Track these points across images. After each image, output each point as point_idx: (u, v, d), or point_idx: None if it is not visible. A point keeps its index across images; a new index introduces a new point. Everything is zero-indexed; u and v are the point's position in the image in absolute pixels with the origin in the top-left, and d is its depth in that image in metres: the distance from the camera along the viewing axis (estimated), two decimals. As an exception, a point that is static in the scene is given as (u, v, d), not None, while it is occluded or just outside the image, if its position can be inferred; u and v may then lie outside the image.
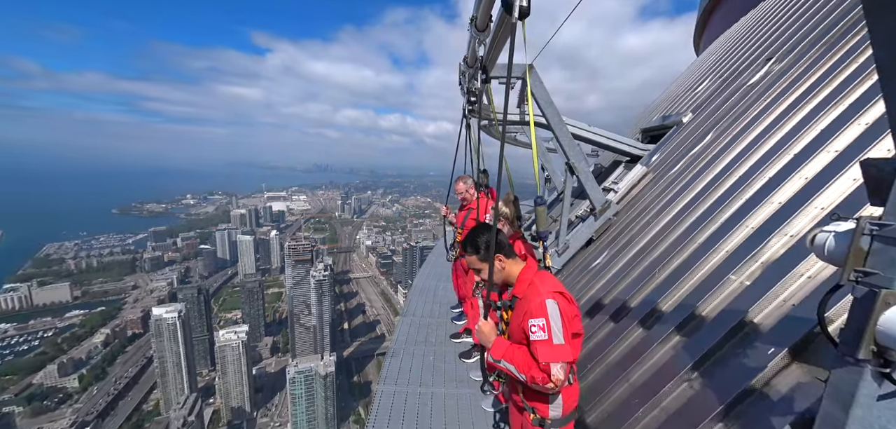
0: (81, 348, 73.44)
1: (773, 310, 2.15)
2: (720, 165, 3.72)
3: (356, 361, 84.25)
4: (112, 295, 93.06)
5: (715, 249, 2.82)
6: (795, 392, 1.77)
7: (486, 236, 1.78)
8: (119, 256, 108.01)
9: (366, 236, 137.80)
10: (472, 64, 3.06)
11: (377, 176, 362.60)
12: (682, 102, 6.65)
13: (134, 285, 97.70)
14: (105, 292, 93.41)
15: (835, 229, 1.16)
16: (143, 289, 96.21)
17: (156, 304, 79.86)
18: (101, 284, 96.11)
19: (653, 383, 2.39)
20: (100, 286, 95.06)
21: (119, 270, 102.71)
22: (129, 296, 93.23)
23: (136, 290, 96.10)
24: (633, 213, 4.60)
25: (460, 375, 3.77)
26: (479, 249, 1.79)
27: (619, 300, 3.31)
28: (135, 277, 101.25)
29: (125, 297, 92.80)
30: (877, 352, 1.07)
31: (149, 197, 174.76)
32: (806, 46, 4.12)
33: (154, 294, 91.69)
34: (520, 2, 1.23)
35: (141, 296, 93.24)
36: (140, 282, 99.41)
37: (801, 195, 2.55)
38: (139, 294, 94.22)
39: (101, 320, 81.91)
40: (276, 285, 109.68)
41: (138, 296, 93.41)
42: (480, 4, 2.09)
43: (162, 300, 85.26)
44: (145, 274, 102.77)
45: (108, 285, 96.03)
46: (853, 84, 2.91)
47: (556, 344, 1.58)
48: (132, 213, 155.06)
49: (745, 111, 4.17)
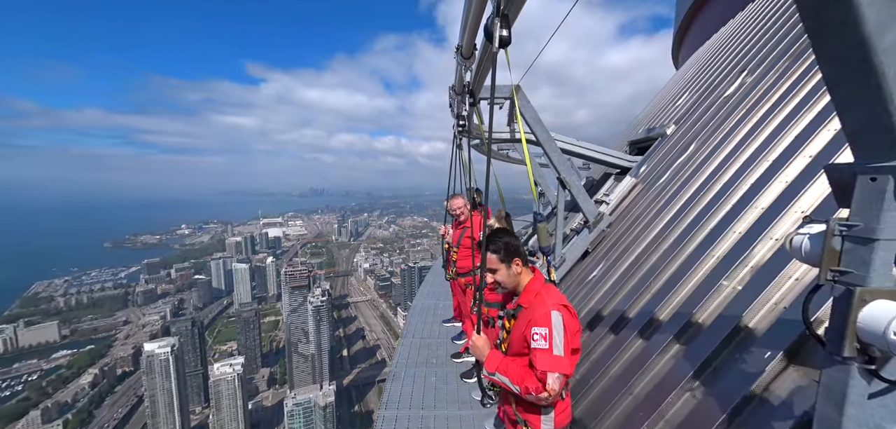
0: (67, 390, 70.39)
1: (766, 313, 2.18)
2: (705, 173, 3.83)
3: (357, 389, 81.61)
4: (102, 332, 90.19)
5: (706, 256, 2.87)
6: (794, 396, 1.78)
7: (507, 239, 1.80)
8: (111, 291, 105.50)
9: (363, 259, 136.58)
10: (459, 90, 3.18)
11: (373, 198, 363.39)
12: (665, 115, 6.88)
13: (125, 321, 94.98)
14: (95, 330, 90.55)
15: (809, 232, 1.21)
16: (134, 324, 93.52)
17: (148, 339, 77.48)
18: (91, 320, 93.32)
19: (655, 395, 2.38)
20: (89, 323, 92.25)
21: (110, 306, 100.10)
22: (120, 332, 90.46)
23: (127, 325, 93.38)
24: (626, 223, 4.67)
25: (462, 395, 3.70)
26: (500, 249, 1.79)
27: (618, 312, 3.32)
28: (127, 312, 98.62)
29: (115, 333, 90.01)
30: (860, 349, 1.10)
31: (143, 229, 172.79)
32: (774, 58, 4.34)
33: (146, 329, 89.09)
34: (500, 32, 1.31)
35: (133, 331, 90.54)
36: (132, 317, 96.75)
37: (782, 199, 2.63)
38: (131, 329, 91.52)
39: (89, 360, 78.99)
40: (272, 313, 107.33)
41: (130, 331, 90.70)
42: (465, 34, 2.21)
43: (154, 335, 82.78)
44: (137, 308, 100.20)
45: (99, 322, 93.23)
46: (820, 92, 3.07)
47: (556, 355, 1.59)
48: (125, 245, 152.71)
49: (723, 121, 4.33)
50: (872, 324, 1.03)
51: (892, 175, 0.96)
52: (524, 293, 1.80)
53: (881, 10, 0.81)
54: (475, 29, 2.03)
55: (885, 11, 0.82)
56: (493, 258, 1.79)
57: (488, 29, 1.28)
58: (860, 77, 0.89)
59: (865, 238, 1.03)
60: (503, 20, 1.23)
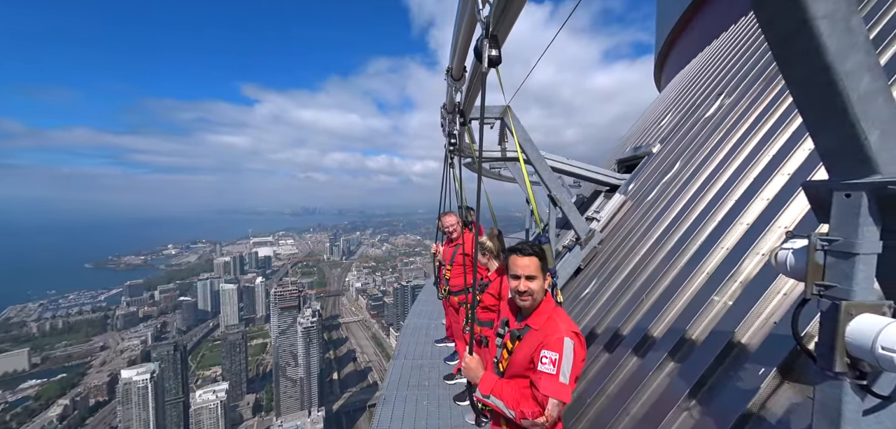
0: (33, 424, 65.74)
1: (758, 329, 2.19)
2: (691, 190, 3.92)
3: (347, 414, 78.35)
4: (76, 359, 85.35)
5: (696, 271, 2.90)
6: (790, 414, 1.76)
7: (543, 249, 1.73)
8: (88, 314, 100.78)
9: (355, 278, 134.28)
10: (451, 110, 3.25)
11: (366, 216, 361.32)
12: (650, 134, 7.10)
13: (103, 346, 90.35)
14: (68, 357, 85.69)
15: (792, 247, 1.23)
16: (112, 349, 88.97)
17: (126, 365, 73.68)
18: (65, 347, 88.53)
19: (653, 415, 2.33)
20: (63, 350, 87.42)
21: (87, 331, 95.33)
22: (96, 358, 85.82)
23: (104, 351, 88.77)
24: (617, 240, 4.72)
25: (455, 419, 3.57)
26: (545, 256, 1.72)
27: (612, 329, 3.29)
28: (104, 337, 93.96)
29: (91, 360, 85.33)
30: (851, 364, 1.10)
31: (127, 249, 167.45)
32: (750, 81, 4.56)
33: (125, 354, 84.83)
34: (489, 52, 1.35)
35: (110, 357, 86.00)
36: (110, 342, 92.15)
37: (765, 216, 2.70)
38: (108, 356, 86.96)
39: (59, 390, 74.26)
40: (260, 336, 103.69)
41: (107, 358, 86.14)
42: (455, 56, 2.27)
43: (133, 361, 78.82)
44: (117, 333, 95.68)
45: (73, 348, 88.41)
46: (794, 113, 3.21)
47: (562, 382, 1.54)
48: (107, 267, 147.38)
49: (705, 141, 4.48)
50: (860, 338, 1.03)
51: (865, 191, 0.99)
52: (535, 314, 1.72)
53: (840, 39, 0.87)
54: (465, 50, 2.08)
55: (844, 40, 0.88)
56: (536, 263, 1.67)
57: (478, 49, 1.32)
58: (827, 100, 0.94)
59: (846, 252, 1.05)
60: (492, 41, 1.27)
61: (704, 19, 9.13)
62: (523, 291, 1.67)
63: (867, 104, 0.91)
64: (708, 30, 8.77)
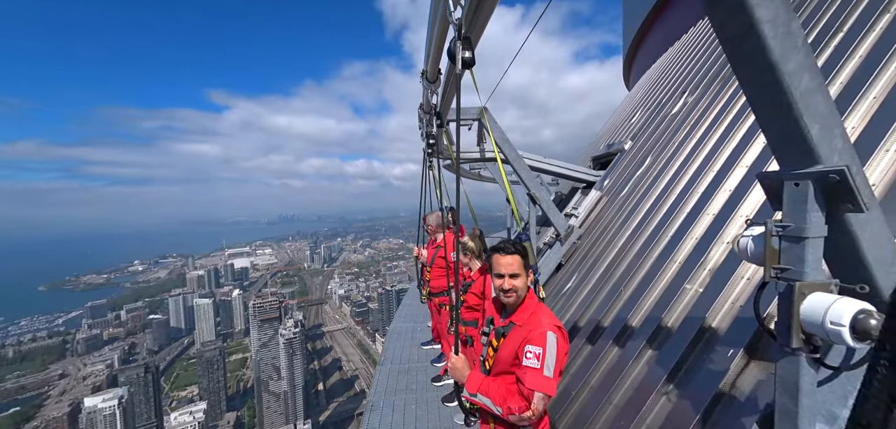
0: (-16, 466, 60.01)
1: (726, 313, 2.32)
2: (661, 184, 4.12)
3: (334, 425, 76.31)
4: (31, 390, 78.31)
5: (669, 261, 3.04)
6: (758, 391, 1.88)
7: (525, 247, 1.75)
8: (44, 341, 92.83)
9: (338, 285, 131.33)
10: (428, 111, 3.25)
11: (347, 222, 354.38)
12: (622, 132, 7.40)
13: (62, 374, 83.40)
14: (21, 388, 78.50)
15: (751, 234, 1.32)
16: (73, 377, 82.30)
17: (90, 392, 68.42)
18: (18, 378, 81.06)
19: (635, 402, 2.42)
20: (15, 382, 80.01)
21: (43, 358, 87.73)
22: (54, 388, 79.12)
23: (63, 379, 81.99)
24: (595, 235, 4.87)
25: (444, 421, 3.57)
26: (527, 253, 1.74)
27: (593, 321, 3.39)
28: (63, 364, 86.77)
29: (49, 390, 78.61)
30: (806, 339, 1.19)
31: (87, 268, 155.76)
32: (710, 80, 4.86)
33: (88, 381, 78.69)
34: (462, 54, 1.36)
35: (70, 385, 79.49)
36: (70, 369, 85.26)
37: (729, 205, 2.88)
38: (68, 384, 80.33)
39: (12, 425, 67.98)
40: (240, 351, 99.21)
41: (67, 386, 79.55)
42: (429, 60, 2.27)
43: (98, 387, 73.32)
44: (78, 358, 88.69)
45: (27, 379, 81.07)
46: (748, 110, 3.44)
47: (546, 375, 1.57)
48: (65, 287, 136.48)
49: (672, 137, 4.72)
50: (812, 315, 1.12)
51: (810, 180, 1.08)
52: (519, 311, 1.75)
53: (783, 42, 0.96)
54: (439, 53, 2.09)
55: (786, 43, 0.96)
56: (519, 261, 1.70)
57: (451, 51, 1.33)
58: (773, 97, 1.02)
59: (797, 237, 1.14)
60: (465, 42, 1.28)
61: (667, 21, 9.63)
62: (508, 289, 1.70)
63: (808, 101, 0.99)
64: (671, 31, 9.25)
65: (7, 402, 74.66)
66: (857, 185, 1.02)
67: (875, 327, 1.02)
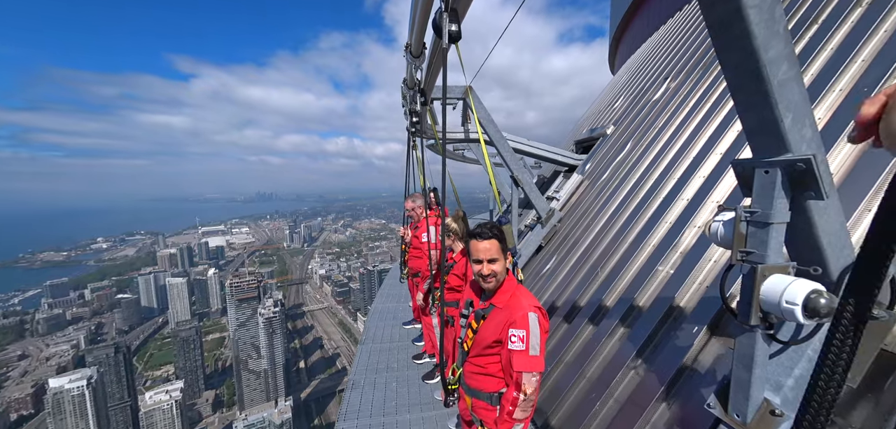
0: (-59, 450, 56.94)
1: (693, 293, 2.46)
2: (640, 169, 4.23)
3: (316, 401, 77.23)
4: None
5: (644, 244, 3.17)
6: (717, 364, 2.03)
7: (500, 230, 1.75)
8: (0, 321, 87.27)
9: (319, 265, 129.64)
10: (412, 86, 3.14)
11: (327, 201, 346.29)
12: (605, 117, 7.50)
13: (22, 355, 79.06)
14: (-22, 371, 74.24)
15: (722, 219, 1.38)
16: (35, 358, 78.23)
17: (54, 374, 65.44)
18: (-27, 360, 76.35)
19: (605, 376, 2.56)
20: (-29, 364, 75.41)
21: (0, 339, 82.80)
22: (14, 369, 75.07)
23: (24, 360, 77.81)
24: (575, 218, 4.99)
25: (425, 397, 3.66)
26: (504, 237, 1.74)
27: (570, 301, 3.52)
28: (23, 345, 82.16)
29: (8, 371, 74.53)
30: (763, 317, 1.28)
31: (44, 244, 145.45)
32: (691, 66, 4.95)
33: (51, 362, 75.08)
34: (449, 27, 1.29)
35: (32, 366, 75.62)
36: (31, 349, 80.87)
37: (701, 191, 3.00)
38: (29, 365, 76.37)
39: (-31, 409, 64.59)
40: (217, 330, 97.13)
41: (28, 367, 75.67)
42: (413, 32, 2.17)
43: (63, 368, 70.17)
44: (39, 338, 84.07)
45: (-16, 361, 76.58)
46: (726, 97, 3.55)
47: (532, 355, 1.61)
48: (19, 265, 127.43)
49: (653, 123, 4.83)
50: (770, 295, 1.20)
51: (779, 168, 1.12)
52: (498, 293, 1.77)
53: (766, 28, 0.97)
54: (423, 25, 1.99)
55: (768, 29, 0.97)
56: (496, 246, 1.71)
57: (437, 24, 1.26)
58: (753, 83, 1.03)
59: (763, 222, 1.19)
60: (452, 15, 1.22)
61: (654, 5, 9.65)
62: (487, 275, 1.71)
63: (784, 90, 1.01)
64: (657, 15, 9.30)
65: (-39, 385, 70.38)
66: (820, 173, 1.07)
67: (824, 306, 1.10)
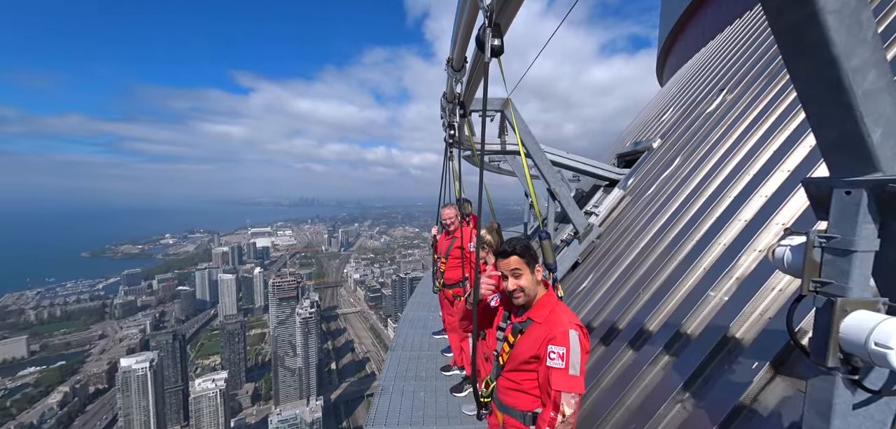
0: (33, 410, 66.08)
1: (752, 324, 2.21)
2: (690, 186, 3.92)
3: (345, 404, 79.31)
4: (75, 347, 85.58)
5: (693, 267, 2.92)
6: (782, 407, 1.79)
7: (526, 242, 1.72)
8: (87, 303, 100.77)
9: (354, 270, 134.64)
10: (451, 99, 3.21)
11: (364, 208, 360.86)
12: (651, 130, 7.08)
13: (101, 335, 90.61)
14: (67, 345, 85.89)
15: (790, 243, 1.24)
16: (111, 338, 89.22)
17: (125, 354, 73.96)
18: (64, 335, 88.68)
19: (647, 406, 2.37)
20: (61, 338, 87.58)
21: (86, 319, 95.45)
22: (95, 346, 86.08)
23: (103, 339, 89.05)
24: (615, 235, 4.73)
25: (452, 410, 3.62)
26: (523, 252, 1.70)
27: (609, 322, 3.32)
28: (103, 326, 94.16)
29: (90, 348, 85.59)
30: (844, 359, 1.11)
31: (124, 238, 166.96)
32: (752, 77, 4.54)
33: (123, 343, 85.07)
34: (491, 42, 1.32)
35: (108, 346, 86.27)
36: (108, 330, 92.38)
37: (763, 212, 2.71)
38: (107, 344, 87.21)
39: (59, 377, 74.57)
40: (259, 326, 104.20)
41: (105, 346, 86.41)
42: (456, 46, 2.23)
43: (132, 349, 79.12)
44: (115, 321, 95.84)
45: (72, 336, 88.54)
46: (796, 110, 3.20)
47: (572, 375, 1.54)
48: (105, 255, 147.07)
49: (706, 137, 4.47)
50: (854, 334, 1.04)
51: (865, 189, 0.99)
52: (536, 308, 1.73)
53: (848, 34, 0.87)
54: (466, 40, 2.05)
55: (851, 36, 0.87)
56: (517, 260, 1.68)
57: (480, 38, 1.30)
58: (831, 95, 0.93)
59: (843, 250, 1.06)
60: (495, 29, 1.25)
61: (708, 14, 9.04)
62: (512, 289, 1.70)
63: (872, 101, 0.90)
64: (711, 25, 8.69)
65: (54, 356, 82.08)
66: (918, 196, 0.93)
67: (926, 352, 0.94)
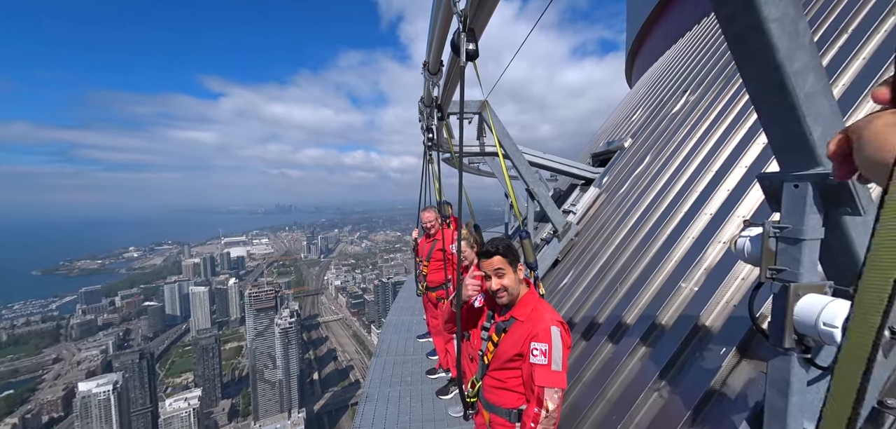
0: (-22, 447, 60.09)
1: (720, 312, 2.35)
2: (660, 183, 4.12)
3: (328, 414, 77.07)
4: (25, 374, 78.21)
5: (665, 260, 3.06)
6: (748, 388, 1.91)
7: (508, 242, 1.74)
8: (38, 325, 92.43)
9: (334, 276, 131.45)
10: (428, 103, 3.22)
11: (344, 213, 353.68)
12: (622, 129, 7.39)
13: (56, 358, 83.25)
14: (15, 372, 78.27)
15: (749, 234, 1.32)
16: (67, 362, 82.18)
17: (84, 377, 68.45)
18: (11, 361, 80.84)
19: (627, 397, 2.45)
20: (9, 365, 79.79)
21: (37, 343, 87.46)
22: (49, 372, 79.06)
23: (58, 363, 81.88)
24: (592, 232, 4.89)
25: (438, 413, 3.61)
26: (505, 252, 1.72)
27: (588, 317, 3.42)
28: (58, 349, 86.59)
29: (43, 374, 78.54)
30: (798, 340, 1.21)
31: (81, 253, 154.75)
32: (712, 79, 4.84)
33: (82, 366, 78.61)
34: (466, 46, 1.34)
35: (65, 370, 79.42)
36: (64, 353, 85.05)
37: (726, 206, 2.89)
38: (62, 368, 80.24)
39: (6, 408, 67.91)
40: (235, 339, 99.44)
41: (61, 370, 79.47)
42: (431, 51, 2.24)
43: (92, 372, 73.33)
44: (72, 343, 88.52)
45: (21, 362, 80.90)
46: (750, 110, 3.44)
47: (554, 370, 1.57)
48: (59, 272, 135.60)
49: (672, 135, 4.72)
50: (806, 316, 1.13)
51: (810, 182, 1.08)
52: (519, 306, 1.76)
53: (790, 41, 0.95)
54: (441, 44, 2.07)
55: (792, 42, 0.95)
56: (499, 259, 1.71)
57: (455, 43, 1.31)
58: (778, 97, 1.01)
59: (794, 239, 1.14)
60: (469, 34, 1.26)
61: (671, 19, 9.56)
62: (497, 289, 1.72)
63: (811, 102, 0.98)
64: (674, 29, 9.19)
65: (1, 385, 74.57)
66: (856, 188, 1.02)
67: (867, 329, 1.03)
